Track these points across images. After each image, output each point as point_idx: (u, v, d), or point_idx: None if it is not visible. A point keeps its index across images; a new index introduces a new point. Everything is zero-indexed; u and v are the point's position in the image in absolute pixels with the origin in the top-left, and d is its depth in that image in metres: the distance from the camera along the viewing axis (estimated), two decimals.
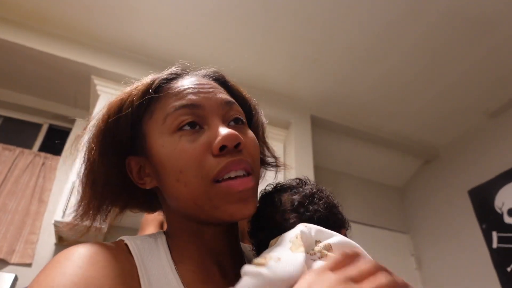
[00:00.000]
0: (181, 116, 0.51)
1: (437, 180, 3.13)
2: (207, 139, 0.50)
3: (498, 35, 2.22)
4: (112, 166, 0.54)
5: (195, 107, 0.52)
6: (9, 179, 2.24)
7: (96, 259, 0.44)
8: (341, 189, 3.14)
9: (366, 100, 2.77)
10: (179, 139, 0.50)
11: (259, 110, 0.66)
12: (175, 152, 0.49)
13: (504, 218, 2.49)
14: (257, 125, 0.64)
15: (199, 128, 0.51)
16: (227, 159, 0.48)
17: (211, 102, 0.53)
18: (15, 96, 2.60)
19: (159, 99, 0.54)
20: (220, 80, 0.61)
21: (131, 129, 0.54)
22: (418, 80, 2.57)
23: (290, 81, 2.67)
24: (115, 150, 0.54)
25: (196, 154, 0.49)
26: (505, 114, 2.72)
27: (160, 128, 0.52)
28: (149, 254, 0.50)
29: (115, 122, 0.53)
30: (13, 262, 2.02)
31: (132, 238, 0.52)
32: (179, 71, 0.59)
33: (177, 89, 0.54)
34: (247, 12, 2.18)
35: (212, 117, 0.52)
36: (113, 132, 0.53)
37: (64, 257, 0.44)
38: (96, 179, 0.53)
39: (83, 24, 2.29)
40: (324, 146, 2.98)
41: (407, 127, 2.99)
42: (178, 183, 0.49)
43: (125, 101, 0.54)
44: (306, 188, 0.58)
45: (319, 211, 0.53)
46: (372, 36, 2.28)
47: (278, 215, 0.54)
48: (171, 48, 2.41)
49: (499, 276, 2.41)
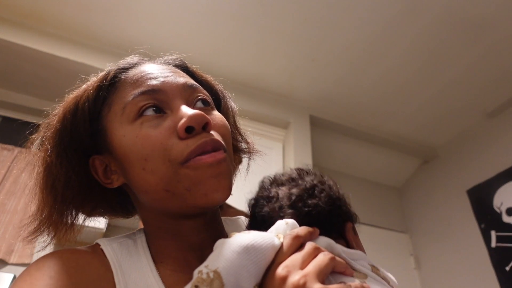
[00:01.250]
0: (141, 102, 0.48)
1: (436, 179, 3.14)
2: (172, 122, 0.47)
3: (495, 35, 2.22)
4: (72, 167, 0.49)
5: (155, 92, 0.48)
6: (8, 178, 2.24)
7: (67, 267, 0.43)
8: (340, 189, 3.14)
9: (364, 100, 2.78)
10: (141, 126, 0.46)
11: (227, 95, 0.63)
12: (138, 139, 0.46)
13: (503, 217, 2.50)
14: (226, 110, 0.60)
15: (162, 113, 0.48)
16: (198, 141, 0.45)
17: (172, 85, 0.50)
18: (13, 96, 2.60)
19: (117, 90, 0.51)
20: (182, 66, 0.58)
21: (90, 125, 0.50)
22: (416, 80, 2.58)
23: (289, 81, 2.67)
24: (74, 150, 0.50)
25: (161, 139, 0.45)
26: (503, 114, 2.73)
27: (120, 119, 0.48)
28: (127, 257, 0.48)
29: (71, 120, 0.50)
30: (12, 262, 2.01)
31: (108, 241, 0.50)
32: (136, 60, 0.56)
33: (135, 77, 0.51)
34: (246, 12, 2.18)
35: (175, 101, 0.49)
36: (70, 131, 0.50)
37: (35, 268, 0.43)
38: (54, 183, 0.49)
39: (81, 23, 2.29)
40: (323, 146, 2.98)
41: (405, 127, 3.00)
42: (145, 172, 0.45)
43: (81, 97, 0.51)
44: (307, 180, 0.53)
45: (319, 205, 0.50)
46: (370, 35, 2.28)
47: (274, 212, 0.50)
48: (170, 48, 2.39)
49: (497, 275, 2.42)
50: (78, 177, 0.50)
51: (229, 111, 0.61)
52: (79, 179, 0.50)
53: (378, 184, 3.42)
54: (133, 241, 0.52)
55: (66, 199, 0.50)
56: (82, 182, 0.51)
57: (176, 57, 0.60)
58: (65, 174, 0.49)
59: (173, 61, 0.58)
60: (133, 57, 0.57)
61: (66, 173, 0.49)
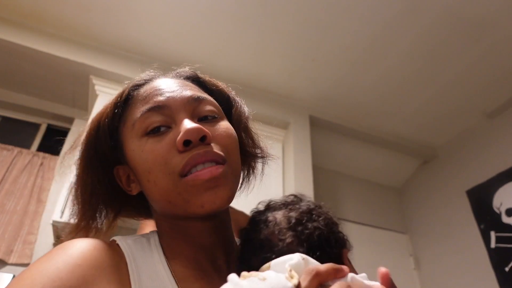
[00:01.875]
0: (148, 119, 0.51)
1: (435, 180, 3.14)
2: (172, 136, 0.50)
3: (495, 35, 2.23)
4: (97, 178, 0.55)
5: (160, 108, 0.52)
6: (7, 179, 2.23)
7: (87, 250, 0.45)
8: (340, 189, 3.15)
9: (364, 100, 2.78)
10: (146, 141, 0.51)
11: (239, 100, 0.65)
12: (143, 153, 0.50)
13: (502, 218, 2.50)
14: (238, 116, 0.62)
15: (166, 128, 0.51)
16: (192, 153, 0.48)
17: (176, 100, 0.53)
18: (13, 96, 2.60)
19: (129, 107, 0.55)
20: (192, 78, 0.61)
21: (111, 140, 0.56)
22: (415, 80, 2.58)
23: (289, 81, 2.67)
24: (99, 162, 0.56)
25: (162, 153, 0.49)
26: (503, 114, 2.73)
27: (131, 134, 0.53)
28: (140, 252, 0.51)
29: (95, 135, 0.55)
30: (11, 262, 2.01)
31: (123, 237, 0.53)
32: (149, 76, 0.60)
33: (144, 94, 0.55)
34: (245, 12, 2.18)
35: (179, 115, 0.52)
36: (94, 145, 0.55)
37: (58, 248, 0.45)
38: (83, 191, 0.55)
39: (81, 24, 2.29)
40: (322, 146, 2.98)
41: (405, 128, 3.00)
42: (149, 183, 0.50)
43: (102, 114, 0.56)
44: (303, 205, 0.54)
45: (319, 228, 0.49)
46: (370, 36, 2.28)
47: (273, 236, 0.50)
48: (169, 48, 2.41)
49: (497, 276, 2.42)
50: (103, 186, 0.56)
51: (241, 117, 0.63)
52: (104, 188, 0.56)
53: (378, 184, 3.42)
54: (147, 239, 0.55)
55: (92, 206, 0.56)
56: (107, 190, 0.57)
57: (187, 69, 0.63)
58: (91, 183, 0.55)
59: (184, 74, 0.62)
60: (147, 73, 0.61)
61: (92, 183, 0.55)
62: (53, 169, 2.40)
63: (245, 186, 0.65)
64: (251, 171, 0.66)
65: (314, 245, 0.47)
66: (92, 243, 0.47)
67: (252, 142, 0.64)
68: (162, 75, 0.61)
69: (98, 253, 0.46)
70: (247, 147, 0.63)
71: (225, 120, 0.57)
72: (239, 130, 0.60)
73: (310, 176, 2.52)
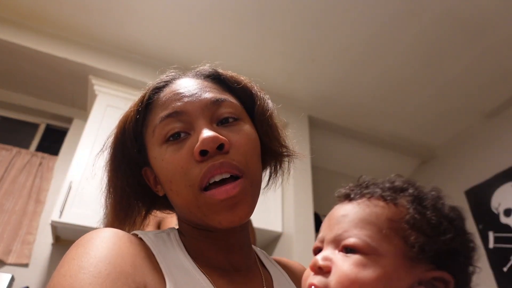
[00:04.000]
0: (167, 126, 0.51)
1: (434, 180, 3.14)
2: (191, 145, 0.49)
3: (493, 35, 2.23)
4: (126, 178, 0.56)
5: (178, 114, 0.51)
6: (6, 179, 2.23)
7: (118, 238, 0.45)
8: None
9: (363, 101, 2.78)
10: (166, 150, 0.50)
11: (263, 96, 0.62)
12: (163, 163, 0.50)
13: (501, 218, 2.51)
14: (261, 113, 0.60)
15: (186, 135, 0.51)
16: (208, 164, 0.47)
17: (194, 105, 0.52)
18: (12, 95, 2.59)
19: (150, 112, 0.55)
20: (213, 76, 0.60)
21: (136, 143, 0.56)
22: (414, 81, 2.58)
23: (287, 81, 2.67)
24: (127, 163, 0.56)
25: (181, 164, 0.49)
26: (502, 115, 2.73)
27: (152, 140, 0.53)
28: (163, 246, 0.51)
29: (121, 138, 0.56)
30: (10, 263, 2.01)
31: (144, 232, 0.53)
32: (169, 77, 0.59)
33: (163, 98, 0.54)
34: (244, 12, 2.18)
35: (197, 121, 0.51)
36: (121, 148, 0.56)
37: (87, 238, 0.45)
38: (114, 193, 0.57)
39: (81, 23, 2.28)
40: (321, 147, 2.99)
41: (404, 128, 3.00)
42: (172, 192, 0.51)
43: (127, 117, 0.56)
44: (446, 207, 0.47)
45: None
46: (369, 36, 2.29)
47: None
48: (168, 48, 2.41)
49: (495, 276, 2.42)
50: (132, 187, 0.57)
51: (264, 114, 0.60)
52: (134, 189, 0.57)
53: None
54: (167, 234, 0.55)
55: (123, 207, 0.57)
56: (137, 190, 0.58)
57: (207, 68, 0.61)
58: (121, 186, 0.56)
59: (204, 72, 0.60)
60: (167, 74, 0.60)
61: (121, 185, 0.56)
62: (52, 169, 2.40)
63: (271, 184, 0.65)
64: (277, 170, 0.64)
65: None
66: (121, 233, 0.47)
67: (276, 141, 0.62)
68: (182, 75, 0.60)
69: (131, 243, 0.46)
70: (272, 146, 0.61)
71: (246, 122, 0.55)
72: (263, 128, 0.59)
73: (309, 176, 2.53)
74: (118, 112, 0.60)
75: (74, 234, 1.94)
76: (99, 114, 2.18)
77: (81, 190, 1.89)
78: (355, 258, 0.41)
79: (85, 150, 2.03)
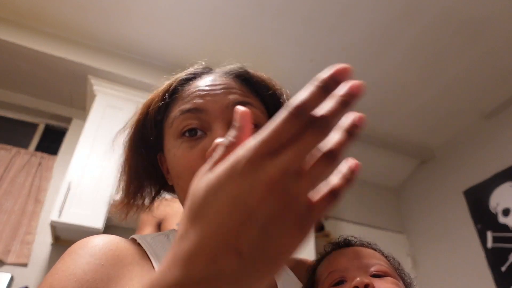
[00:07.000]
0: (185, 121, 0.51)
1: (433, 180, 3.15)
2: (205, 146, 0.48)
3: (493, 37, 2.24)
4: (141, 160, 0.58)
5: (198, 111, 0.51)
6: (5, 179, 2.23)
7: (108, 249, 0.45)
8: None
9: (362, 101, 2.77)
10: (180, 145, 0.51)
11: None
12: (175, 158, 0.51)
13: (499, 218, 2.51)
14: None
15: (202, 134, 0.50)
16: None
17: (216, 106, 0.51)
18: (11, 95, 2.59)
19: (173, 102, 0.55)
20: (242, 77, 0.58)
21: (155, 128, 0.57)
22: (413, 81, 2.59)
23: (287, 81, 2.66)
24: (145, 146, 0.58)
25: (191, 162, 0.48)
26: (500, 115, 2.74)
27: (169, 131, 0.54)
28: (161, 249, 0.51)
29: (142, 121, 0.57)
30: (9, 262, 2.01)
31: (142, 236, 0.53)
32: (199, 70, 0.60)
33: (188, 91, 0.54)
34: (243, 13, 2.18)
35: (216, 122, 0.50)
36: (141, 131, 0.57)
37: (78, 246, 0.46)
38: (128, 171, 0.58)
39: (79, 23, 2.28)
40: None
41: (403, 128, 3.01)
42: (178, 187, 0.52)
43: (152, 101, 0.57)
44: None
45: None
46: (369, 37, 2.29)
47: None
48: (168, 48, 2.41)
49: (493, 276, 2.43)
50: (146, 169, 0.59)
51: None
52: (146, 170, 0.59)
53: (375, 184, 3.43)
54: (166, 236, 0.55)
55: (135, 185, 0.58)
56: (149, 172, 0.59)
57: (238, 67, 0.60)
58: (135, 165, 0.58)
59: (233, 72, 0.59)
60: (197, 67, 0.60)
61: (136, 165, 0.58)
62: (51, 169, 2.40)
63: None
64: None
65: None
66: (113, 241, 0.47)
67: None
68: (211, 71, 0.60)
69: (119, 251, 0.46)
70: None
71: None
72: None
73: None
74: (117, 112, 0.61)
75: (74, 234, 1.94)
76: (98, 114, 2.18)
77: (80, 190, 1.89)
78: (388, 280, 0.51)
79: (84, 150, 2.03)
